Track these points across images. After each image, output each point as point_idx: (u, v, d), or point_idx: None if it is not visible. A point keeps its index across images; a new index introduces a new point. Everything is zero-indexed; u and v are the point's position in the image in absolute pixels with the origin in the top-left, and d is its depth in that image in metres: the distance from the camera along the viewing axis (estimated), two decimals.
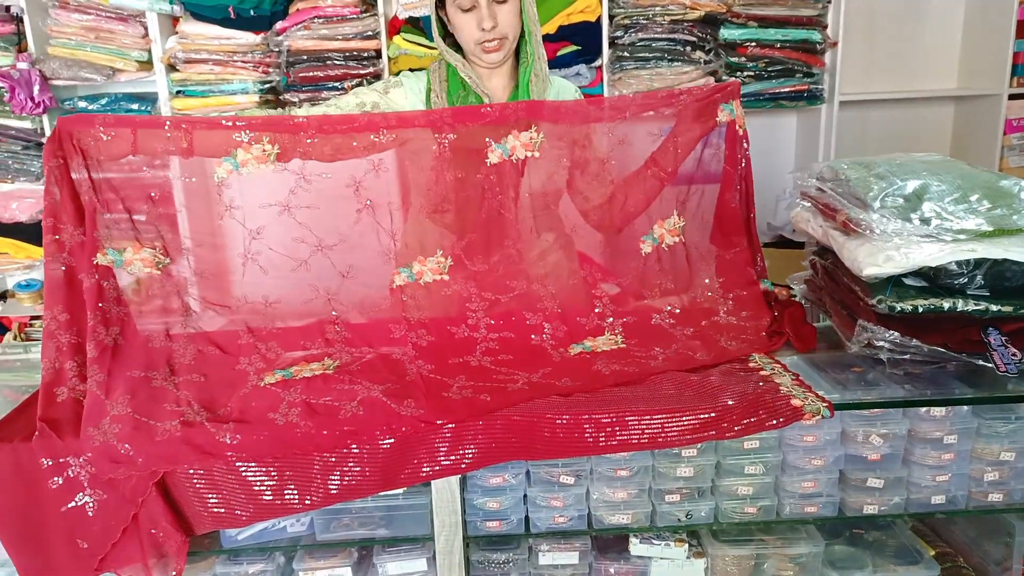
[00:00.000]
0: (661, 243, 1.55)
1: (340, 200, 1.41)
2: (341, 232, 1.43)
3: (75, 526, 1.19)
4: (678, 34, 2.91)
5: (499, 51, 1.58)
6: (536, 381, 1.31)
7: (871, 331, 1.30)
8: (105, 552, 1.20)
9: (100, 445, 1.17)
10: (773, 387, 1.26)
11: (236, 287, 1.42)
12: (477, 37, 1.56)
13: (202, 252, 1.40)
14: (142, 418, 1.20)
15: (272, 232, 1.40)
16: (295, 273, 1.42)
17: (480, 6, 1.53)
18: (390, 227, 1.44)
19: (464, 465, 1.23)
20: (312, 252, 1.42)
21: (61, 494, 1.18)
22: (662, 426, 1.20)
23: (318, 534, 1.37)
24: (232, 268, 1.41)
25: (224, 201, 1.36)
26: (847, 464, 1.37)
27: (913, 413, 1.35)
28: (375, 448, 1.19)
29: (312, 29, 2.85)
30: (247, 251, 1.39)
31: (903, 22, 3.31)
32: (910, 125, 3.40)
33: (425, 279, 1.47)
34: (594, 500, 1.37)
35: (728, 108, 1.51)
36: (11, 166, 3.06)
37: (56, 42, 2.92)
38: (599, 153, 1.53)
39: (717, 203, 1.56)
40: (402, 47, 2.87)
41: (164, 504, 1.19)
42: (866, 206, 1.32)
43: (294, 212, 1.39)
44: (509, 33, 1.58)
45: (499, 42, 1.56)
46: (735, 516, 1.38)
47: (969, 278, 1.25)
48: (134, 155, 1.31)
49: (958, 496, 1.38)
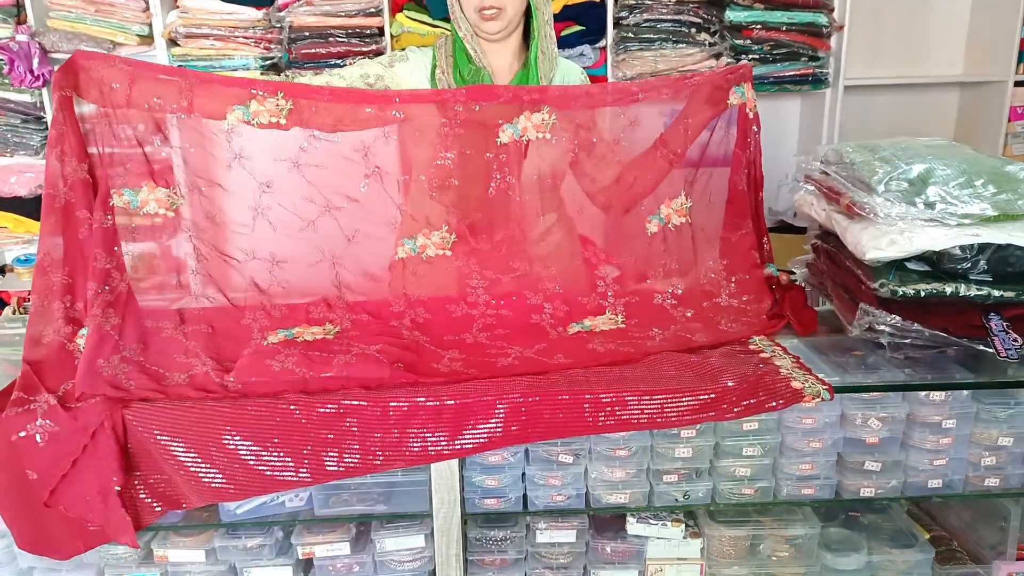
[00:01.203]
0: (668, 223, 1.55)
1: (349, 163, 1.42)
2: (349, 195, 1.44)
3: (25, 456, 1.16)
4: (683, 15, 2.88)
5: (496, 20, 1.56)
6: (528, 356, 1.33)
7: (872, 315, 1.30)
8: (55, 484, 1.17)
9: (106, 376, 1.20)
10: (773, 369, 1.26)
11: (245, 239, 1.43)
12: (476, 4, 1.55)
13: (214, 198, 1.40)
14: (152, 367, 1.25)
15: (280, 188, 1.41)
16: (302, 233, 1.43)
17: None
18: (397, 197, 1.45)
19: (468, 447, 1.23)
20: (320, 213, 1.42)
21: (13, 423, 1.16)
22: (661, 406, 1.20)
23: (316, 509, 1.38)
24: (242, 219, 1.42)
25: (233, 149, 1.36)
26: (845, 447, 1.37)
27: (912, 397, 1.35)
28: (373, 427, 1.20)
29: (314, 5, 2.82)
30: (257, 204, 1.40)
31: (910, 7, 3.28)
32: (915, 110, 3.38)
33: (428, 253, 1.48)
34: (592, 479, 1.37)
35: (739, 91, 1.51)
36: (10, 139, 3.05)
37: (56, 14, 2.89)
38: (609, 135, 1.53)
39: (726, 185, 1.56)
40: (405, 24, 2.84)
41: (118, 451, 1.18)
42: (870, 189, 1.31)
43: (303, 170, 1.40)
44: (508, 6, 1.56)
45: (497, 11, 1.55)
46: (732, 497, 1.38)
47: (972, 263, 1.25)
48: (147, 100, 1.32)
49: (955, 480, 1.38)
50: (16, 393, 1.19)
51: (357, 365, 1.25)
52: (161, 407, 1.19)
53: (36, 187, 3.18)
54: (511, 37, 1.64)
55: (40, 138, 3.08)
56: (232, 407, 1.19)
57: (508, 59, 1.66)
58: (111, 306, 1.28)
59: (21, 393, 1.19)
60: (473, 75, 1.62)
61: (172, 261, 1.41)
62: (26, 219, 3.13)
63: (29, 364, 1.23)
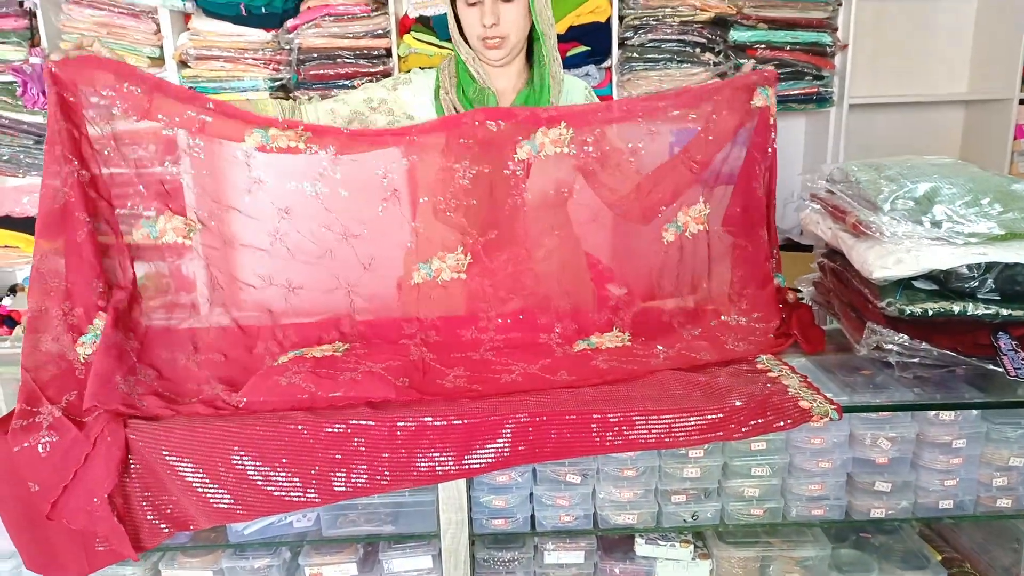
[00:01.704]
0: (685, 231, 1.53)
1: (367, 189, 1.43)
2: (366, 221, 1.44)
3: (26, 468, 1.16)
4: (688, 35, 2.90)
5: (498, 49, 1.57)
6: (531, 372, 1.33)
7: (880, 334, 1.30)
8: (56, 496, 1.17)
9: (121, 393, 1.21)
10: (781, 388, 1.26)
11: (261, 265, 1.44)
12: (479, 32, 1.56)
13: (229, 223, 1.41)
14: (165, 392, 1.26)
15: (297, 213, 1.41)
16: (320, 260, 1.44)
17: (484, 2, 1.53)
18: (412, 220, 1.46)
19: (475, 467, 1.23)
20: (338, 240, 1.43)
21: (17, 436, 1.16)
22: (669, 426, 1.20)
23: (324, 530, 1.37)
24: (259, 244, 1.42)
25: (252, 175, 1.37)
26: (855, 467, 1.37)
27: (922, 417, 1.34)
28: (381, 447, 1.20)
29: (323, 27, 2.86)
30: (276, 230, 1.41)
31: (914, 25, 3.30)
32: (920, 129, 3.39)
33: (443, 277, 1.47)
34: (600, 499, 1.37)
35: (764, 93, 1.50)
36: (23, 160, 3.08)
37: (68, 37, 2.94)
38: (629, 147, 1.52)
39: (741, 190, 1.54)
40: (412, 46, 2.87)
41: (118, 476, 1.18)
42: (876, 208, 1.31)
43: (320, 195, 1.40)
44: (512, 34, 1.56)
45: (499, 40, 1.56)
46: (741, 518, 1.37)
47: (980, 282, 1.25)
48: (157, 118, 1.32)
49: (966, 501, 1.37)
50: (20, 405, 1.19)
51: (363, 383, 1.26)
52: (169, 427, 1.19)
53: None
54: (515, 60, 1.65)
55: None
56: (240, 427, 1.19)
57: (512, 80, 1.67)
58: (131, 330, 1.29)
59: (24, 405, 1.19)
60: (478, 95, 1.63)
61: (184, 281, 1.42)
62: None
63: (28, 372, 1.22)
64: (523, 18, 1.57)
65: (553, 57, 1.61)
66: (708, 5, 2.88)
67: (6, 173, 3.11)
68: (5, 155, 3.06)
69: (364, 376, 1.27)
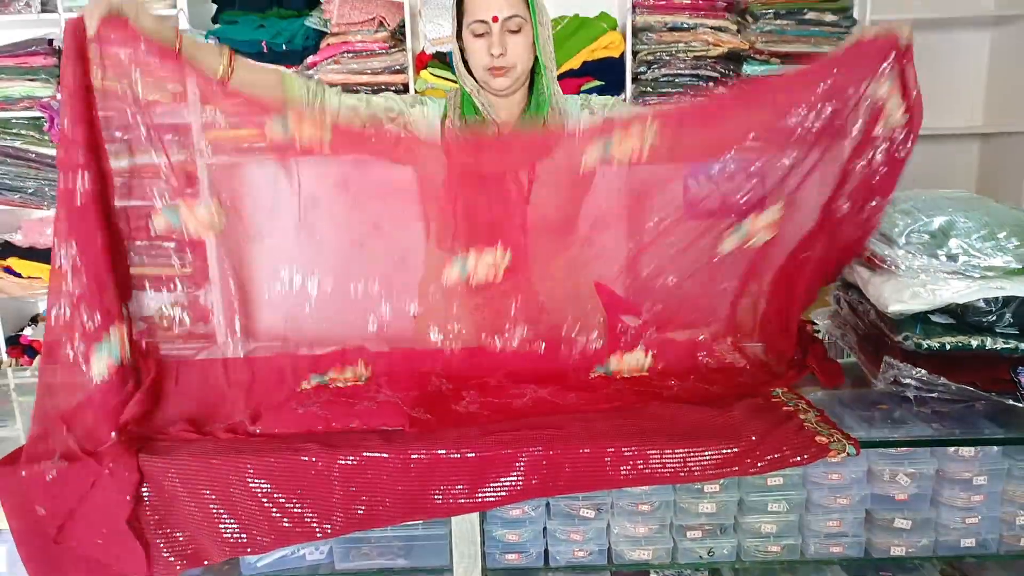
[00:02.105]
0: (749, 240, 1.37)
1: (394, 195, 1.42)
2: (391, 229, 1.43)
3: (34, 491, 1.17)
4: (701, 70, 2.94)
5: (505, 78, 1.59)
6: (540, 396, 1.34)
7: (897, 368, 1.29)
8: (62, 521, 1.18)
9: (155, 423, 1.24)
10: (798, 423, 1.24)
11: (283, 276, 1.41)
12: (486, 62, 1.58)
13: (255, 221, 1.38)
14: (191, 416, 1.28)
15: (322, 219, 1.39)
16: (344, 279, 1.42)
17: (492, 33, 1.55)
18: (428, 242, 1.47)
19: (489, 500, 1.22)
20: (361, 254, 1.42)
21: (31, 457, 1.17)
22: (684, 460, 1.19)
23: (337, 563, 1.37)
24: (286, 254, 1.40)
25: (279, 185, 1.34)
26: (873, 503, 1.34)
27: (941, 452, 1.32)
28: (396, 479, 1.20)
29: (342, 63, 2.92)
30: (299, 238, 1.40)
31: (928, 59, 3.31)
32: (934, 162, 3.38)
33: (478, 278, 1.43)
34: (615, 535, 1.35)
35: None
36: (47, 193, 3.15)
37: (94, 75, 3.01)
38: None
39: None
40: (429, 81, 2.93)
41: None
42: (891, 242, 1.31)
43: (344, 199, 1.39)
44: (518, 64, 1.59)
45: (506, 70, 1.58)
46: (758, 554, 1.35)
47: (998, 316, 1.24)
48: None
49: (989, 539, 1.34)
50: (33, 428, 1.20)
51: (378, 413, 1.27)
52: (181, 457, 1.20)
53: None
54: (519, 90, 1.67)
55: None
56: (254, 458, 1.20)
57: (514, 110, 1.69)
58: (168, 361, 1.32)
59: (37, 428, 1.20)
60: (479, 126, 1.65)
61: (200, 310, 1.43)
62: None
63: (43, 385, 1.23)
64: (528, 50, 1.60)
65: (554, 90, 1.63)
66: (721, 40, 2.91)
67: (31, 205, 3.19)
68: (31, 188, 3.14)
69: (380, 406, 1.29)
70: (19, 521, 1.19)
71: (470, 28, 1.58)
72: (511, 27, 1.55)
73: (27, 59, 3.02)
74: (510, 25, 1.55)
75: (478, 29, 1.57)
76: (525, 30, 1.57)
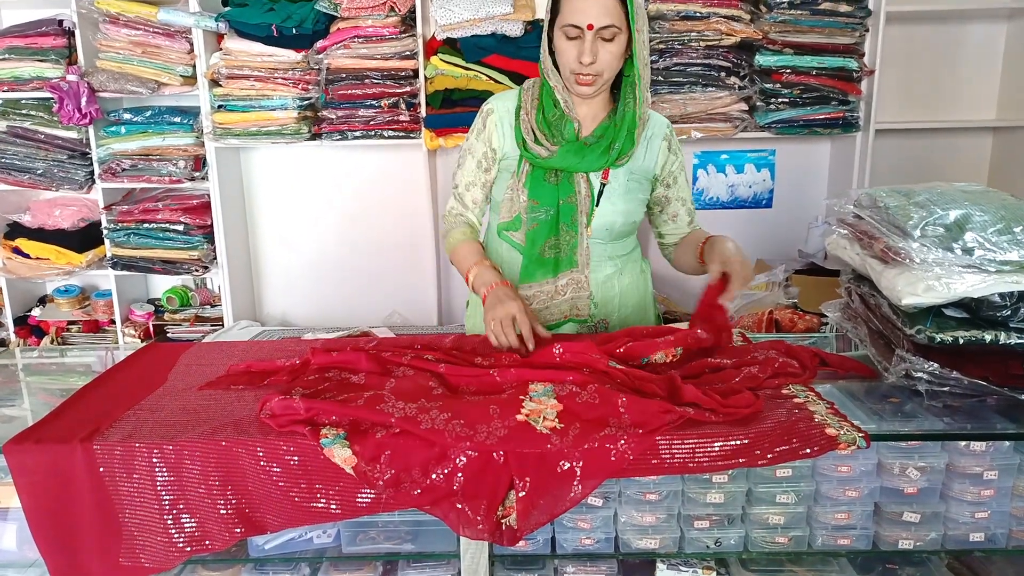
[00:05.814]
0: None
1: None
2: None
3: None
4: (713, 59, 2.92)
5: (591, 86, 1.58)
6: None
7: (909, 361, 1.28)
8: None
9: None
10: (807, 415, 1.24)
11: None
12: (574, 67, 1.57)
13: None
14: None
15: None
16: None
17: (585, 39, 1.53)
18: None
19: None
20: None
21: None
22: (692, 450, 1.19)
23: (344, 546, 1.37)
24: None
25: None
26: (882, 496, 1.34)
27: (952, 447, 1.32)
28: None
29: (352, 48, 2.91)
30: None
31: (942, 51, 3.29)
32: (947, 155, 3.37)
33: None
34: (622, 523, 1.35)
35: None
36: (56, 174, 3.15)
37: (105, 55, 3.01)
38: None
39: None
40: (439, 67, 2.91)
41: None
42: (906, 235, 1.30)
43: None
44: (606, 72, 1.58)
45: (593, 78, 1.57)
46: (765, 545, 1.35)
47: (1012, 310, 1.23)
48: None
49: (998, 534, 1.34)
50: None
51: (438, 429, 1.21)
52: (195, 442, 1.20)
53: (79, 220, 3.28)
54: (602, 92, 1.66)
55: (84, 173, 3.18)
56: (263, 442, 1.20)
57: (595, 109, 1.68)
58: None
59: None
60: (558, 120, 1.65)
61: None
62: (67, 251, 3.22)
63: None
64: (618, 58, 1.58)
65: (645, 98, 1.62)
66: (734, 30, 2.89)
67: (40, 187, 3.19)
68: (40, 169, 3.14)
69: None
70: (31, 498, 1.20)
71: (563, 29, 1.56)
72: (605, 36, 1.54)
73: (37, 40, 3.01)
74: (604, 34, 1.53)
75: (571, 33, 1.55)
76: (618, 39, 1.55)
